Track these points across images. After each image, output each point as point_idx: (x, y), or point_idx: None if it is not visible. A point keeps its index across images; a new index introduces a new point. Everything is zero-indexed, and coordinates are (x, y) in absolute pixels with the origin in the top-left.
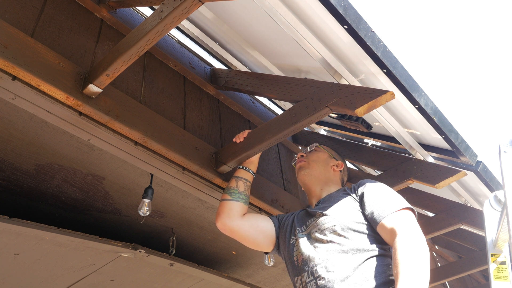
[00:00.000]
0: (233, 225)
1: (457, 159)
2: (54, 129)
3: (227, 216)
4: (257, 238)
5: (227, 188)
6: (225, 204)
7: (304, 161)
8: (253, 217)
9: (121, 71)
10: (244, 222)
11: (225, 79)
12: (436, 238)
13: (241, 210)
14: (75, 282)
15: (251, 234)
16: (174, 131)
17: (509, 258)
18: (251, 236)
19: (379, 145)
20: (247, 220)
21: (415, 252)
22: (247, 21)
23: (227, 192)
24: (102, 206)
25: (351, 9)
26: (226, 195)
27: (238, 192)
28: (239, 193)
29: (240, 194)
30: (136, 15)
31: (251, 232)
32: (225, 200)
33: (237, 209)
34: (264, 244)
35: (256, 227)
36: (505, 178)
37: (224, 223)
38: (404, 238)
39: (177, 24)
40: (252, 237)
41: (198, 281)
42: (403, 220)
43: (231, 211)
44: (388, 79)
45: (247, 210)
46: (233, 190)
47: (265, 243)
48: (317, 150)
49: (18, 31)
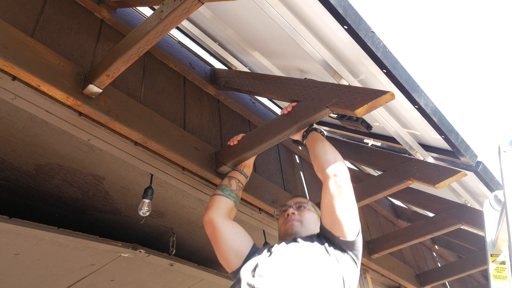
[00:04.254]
0: (218, 221)
1: (457, 159)
2: (54, 129)
3: (215, 210)
4: (233, 245)
5: (220, 185)
6: (214, 198)
7: (298, 221)
8: (238, 226)
9: (121, 71)
10: (229, 224)
11: (225, 79)
12: (436, 238)
13: (229, 208)
14: (75, 282)
15: (229, 238)
16: (174, 131)
17: (509, 258)
18: (229, 241)
19: (379, 145)
20: (232, 224)
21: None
22: (247, 21)
23: (219, 188)
24: (102, 206)
25: (351, 9)
26: (218, 190)
27: (229, 190)
28: (230, 190)
29: (231, 192)
30: (136, 15)
31: (231, 237)
32: (215, 195)
33: (226, 205)
34: (235, 255)
35: (237, 234)
36: (505, 178)
37: (211, 217)
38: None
39: (177, 24)
40: (230, 242)
41: (198, 281)
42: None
43: (220, 205)
44: (388, 79)
45: (235, 213)
46: (225, 186)
47: (236, 256)
48: (310, 210)
49: (18, 31)
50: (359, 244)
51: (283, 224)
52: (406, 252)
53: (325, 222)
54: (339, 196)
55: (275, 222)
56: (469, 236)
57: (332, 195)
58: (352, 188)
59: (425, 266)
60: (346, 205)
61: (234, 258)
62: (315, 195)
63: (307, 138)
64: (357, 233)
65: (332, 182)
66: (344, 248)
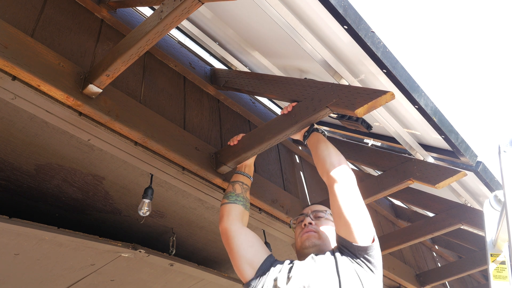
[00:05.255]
0: (231, 229)
1: (457, 159)
2: (54, 129)
3: (227, 218)
4: (246, 255)
5: (225, 194)
6: (223, 207)
7: (315, 231)
8: (254, 236)
9: (121, 71)
10: (242, 232)
11: (225, 79)
12: (436, 238)
13: (240, 212)
14: (75, 282)
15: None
16: (174, 131)
17: (509, 258)
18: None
19: (379, 145)
20: (246, 233)
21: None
22: (247, 21)
23: (225, 197)
24: (102, 206)
25: (351, 9)
26: (224, 199)
27: (235, 195)
28: (236, 195)
29: (237, 196)
30: (136, 15)
31: (244, 246)
32: (223, 204)
33: (236, 211)
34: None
35: (250, 243)
36: (505, 178)
37: (224, 226)
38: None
39: (177, 24)
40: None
41: (198, 281)
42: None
43: (229, 213)
44: (388, 79)
45: (248, 215)
46: (230, 193)
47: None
48: (328, 219)
49: (18, 31)
50: (377, 251)
51: (300, 236)
52: (406, 252)
53: (338, 230)
54: (346, 199)
55: (275, 222)
56: (469, 236)
57: (339, 199)
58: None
59: (425, 266)
60: (354, 208)
61: (247, 268)
62: (315, 195)
63: (308, 139)
64: (371, 238)
65: (338, 186)
66: (357, 254)
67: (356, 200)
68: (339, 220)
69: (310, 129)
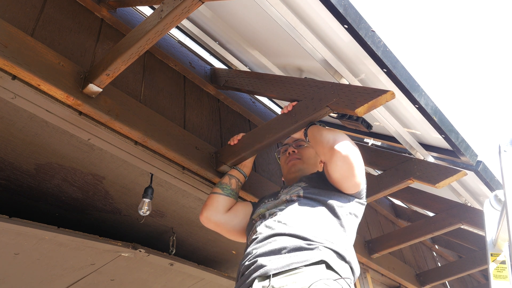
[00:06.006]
0: (217, 218)
1: (457, 159)
2: (54, 128)
3: (214, 210)
4: (240, 224)
5: (220, 183)
6: (215, 197)
7: (299, 158)
8: (235, 208)
9: (121, 70)
10: (228, 214)
11: (225, 79)
12: (436, 237)
13: (230, 205)
14: (75, 281)
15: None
16: (174, 131)
17: (509, 257)
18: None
19: (379, 145)
20: (230, 213)
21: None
22: (247, 21)
23: (219, 186)
24: (102, 206)
25: (352, 8)
26: (218, 189)
27: (230, 189)
28: (231, 189)
29: (232, 191)
30: (136, 15)
31: (235, 221)
32: (216, 194)
33: (225, 204)
34: (243, 229)
35: (236, 213)
36: (505, 178)
37: (209, 218)
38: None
39: (177, 24)
40: (237, 226)
41: (198, 281)
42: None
43: (219, 205)
44: (388, 78)
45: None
46: (226, 185)
47: (244, 229)
48: (309, 146)
49: (18, 30)
50: (364, 191)
51: (285, 163)
52: (406, 252)
53: (334, 176)
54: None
55: None
56: (469, 236)
57: (337, 160)
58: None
59: (425, 265)
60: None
61: (243, 231)
62: None
63: (307, 135)
64: (363, 186)
65: (337, 155)
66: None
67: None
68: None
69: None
